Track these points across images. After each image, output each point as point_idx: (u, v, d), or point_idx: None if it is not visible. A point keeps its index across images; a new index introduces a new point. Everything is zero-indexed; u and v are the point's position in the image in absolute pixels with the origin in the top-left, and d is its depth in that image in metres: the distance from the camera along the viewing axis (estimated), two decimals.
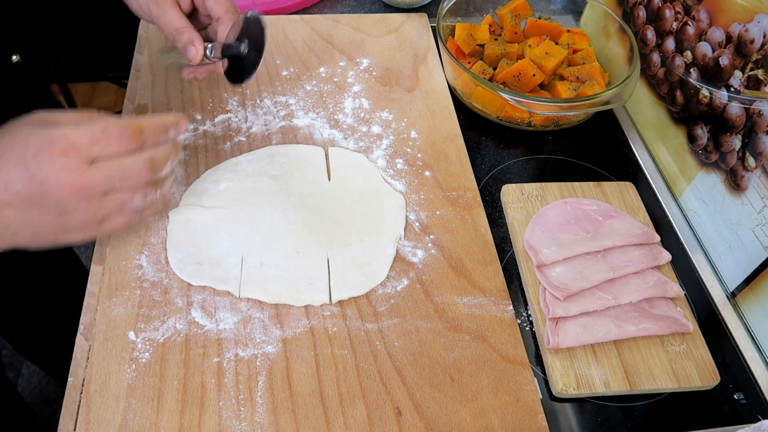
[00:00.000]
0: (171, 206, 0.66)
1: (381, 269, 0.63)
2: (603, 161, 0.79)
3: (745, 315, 0.64)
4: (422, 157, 0.75)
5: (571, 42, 0.85)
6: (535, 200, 0.71)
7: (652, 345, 0.60)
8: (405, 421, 0.54)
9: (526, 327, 0.62)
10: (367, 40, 0.89)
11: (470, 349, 0.59)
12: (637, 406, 0.58)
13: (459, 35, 0.84)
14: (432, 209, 0.69)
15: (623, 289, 0.62)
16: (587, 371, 0.57)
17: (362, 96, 0.81)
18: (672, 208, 0.74)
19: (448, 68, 0.84)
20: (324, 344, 0.58)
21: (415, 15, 0.95)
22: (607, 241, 0.65)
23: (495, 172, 0.77)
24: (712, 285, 0.67)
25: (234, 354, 0.57)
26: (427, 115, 0.80)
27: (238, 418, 0.53)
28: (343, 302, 0.61)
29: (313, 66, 0.84)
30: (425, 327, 0.60)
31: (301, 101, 0.80)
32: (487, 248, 0.66)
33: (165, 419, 0.53)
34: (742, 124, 0.64)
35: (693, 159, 0.72)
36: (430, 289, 0.63)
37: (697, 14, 0.69)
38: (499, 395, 0.56)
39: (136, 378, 0.55)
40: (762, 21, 0.60)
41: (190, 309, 0.59)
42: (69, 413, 0.53)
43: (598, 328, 0.59)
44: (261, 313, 0.60)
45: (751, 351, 0.62)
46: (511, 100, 0.74)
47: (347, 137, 0.76)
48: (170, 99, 0.78)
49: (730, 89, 0.65)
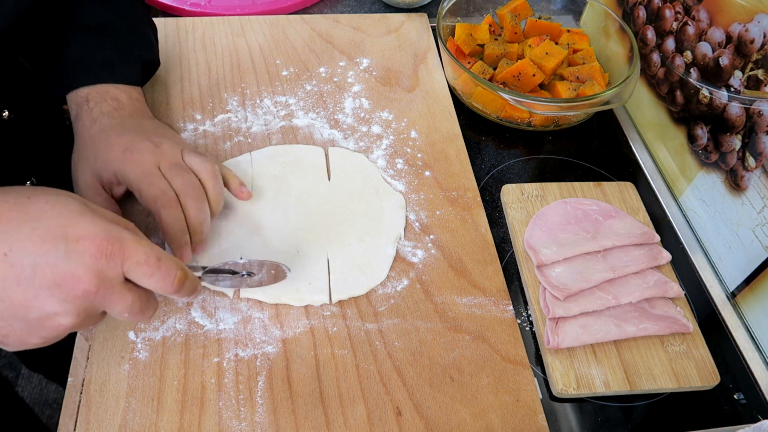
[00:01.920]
0: None
1: (381, 269, 0.63)
2: (603, 161, 0.79)
3: (745, 315, 0.64)
4: (422, 157, 0.75)
5: (571, 42, 0.85)
6: (535, 200, 0.71)
7: (652, 345, 0.60)
8: (405, 421, 0.54)
9: (526, 327, 0.62)
10: (367, 40, 0.89)
11: (470, 349, 0.59)
12: (637, 406, 0.58)
13: (459, 35, 0.84)
14: (432, 209, 0.69)
15: (623, 289, 0.62)
16: (587, 371, 0.57)
17: (362, 96, 0.81)
18: (672, 208, 0.74)
19: (448, 68, 0.84)
20: (324, 344, 0.58)
21: (415, 15, 0.95)
22: (607, 241, 0.65)
23: (495, 172, 0.77)
24: (712, 285, 0.67)
25: (234, 354, 0.57)
26: (427, 115, 0.80)
27: (238, 418, 0.53)
28: (343, 302, 0.61)
29: (313, 66, 0.84)
30: (425, 327, 0.60)
31: (301, 101, 0.80)
32: (487, 248, 0.66)
33: (165, 419, 0.53)
34: (742, 124, 0.64)
35: (693, 159, 0.72)
36: (430, 289, 0.63)
37: (697, 14, 0.69)
38: (499, 395, 0.56)
39: (136, 378, 0.55)
40: (762, 21, 0.60)
41: (189, 309, 0.59)
42: (69, 413, 0.53)
43: (598, 328, 0.59)
44: (261, 313, 0.60)
45: (751, 351, 0.62)
46: (511, 100, 0.74)
47: (347, 137, 0.76)
48: (170, 99, 0.78)
49: (730, 89, 0.65)
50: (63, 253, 0.40)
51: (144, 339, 0.57)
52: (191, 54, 0.84)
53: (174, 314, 0.59)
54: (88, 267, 0.41)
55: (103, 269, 0.41)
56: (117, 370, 0.55)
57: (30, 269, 0.40)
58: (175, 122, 0.75)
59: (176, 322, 0.58)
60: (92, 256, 0.41)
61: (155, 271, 0.43)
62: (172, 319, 0.58)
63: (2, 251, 0.39)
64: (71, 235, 0.41)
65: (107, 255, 0.41)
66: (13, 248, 0.40)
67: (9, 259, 0.39)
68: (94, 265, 0.41)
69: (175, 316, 0.59)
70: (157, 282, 0.44)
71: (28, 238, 0.40)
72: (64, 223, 0.41)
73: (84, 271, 0.41)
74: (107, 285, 0.42)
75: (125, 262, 0.42)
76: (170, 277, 0.44)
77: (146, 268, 0.43)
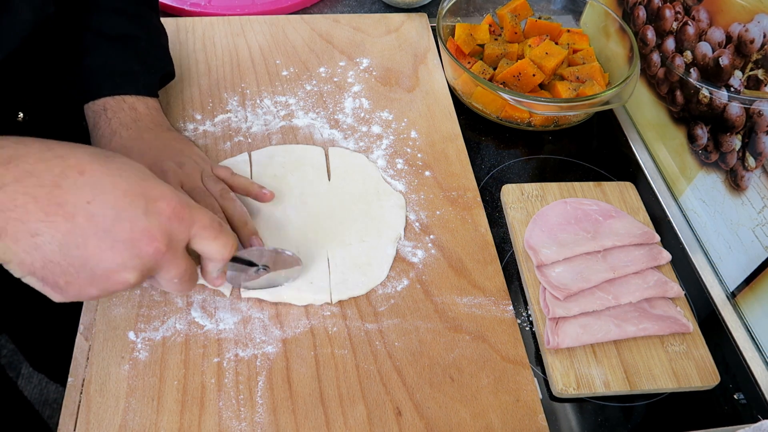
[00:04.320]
0: None
1: (381, 269, 0.63)
2: (603, 161, 0.79)
3: (745, 315, 0.64)
4: (422, 157, 0.75)
5: (571, 42, 0.85)
6: (535, 200, 0.71)
7: (652, 345, 0.60)
8: (405, 421, 0.54)
9: (526, 327, 0.62)
10: (367, 40, 0.89)
11: (470, 349, 0.59)
12: (637, 406, 0.58)
13: (459, 35, 0.84)
14: (432, 209, 0.69)
15: (623, 289, 0.62)
16: (587, 371, 0.57)
17: (362, 96, 0.81)
18: (672, 208, 0.74)
19: (448, 68, 0.84)
20: (324, 344, 0.58)
21: (415, 15, 0.95)
22: (607, 241, 0.65)
23: (495, 172, 0.77)
24: (712, 285, 0.67)
25: (234, 354, 0.57)
26: (427, 115, 0.80)
27: (238, 418, 0.53)
28: (343, 302, 0.61)
29: (313, 66, 0.84)
30: (425, 327, 0.60)
31: (301, 101, 0.80)
32: (487, 248, 0.66)
33: (165, 419, 0.53)
34: (742, 124, 0.64)
35: (693, 159, 0.72)
36: (430, 289, 0.63)
37: (697, 14, 0.69)
38: (499, 395, 0.56)
39: (136, 378, 0.55)
40: (762, 21, 0.60)
41: (190, 309, 0.59)
42: (69, 413, 0.53)
43: (598, 328, 0.59)
44: (261, 313, 0.60)
45: (751, 351, 0.62)
46: (511, 100, 0.74)
47: (347, 137, 0.76)
48: (170, 99, 0.78)
49: (730, 89, 0.65)
50: (142, 211, 0.42)
51: (144, 339, 0.57)
52: (191, 54, 0.84)
53: (174, 314, 0.59)
54: (162, 227, 0.43)
55: (174, 231, 0.44)
56: (117, 370, 0.55)
57: (110, 221, 0.41)
58: (175, 122, 0.75)
59: (176, 322, 0.58)
60: (167, 217, 0.43)
61: (219, 235, 0.47)
62: (172, 319, 0.58)
63: (86, 199, 0.40)
64: (150, 194, 0.43)
65: (179, 218, 0.44)
66: (96, 199, 0.40)
67: (91, 208, 0.40)
68: (167, 226, 0.43)
69: (175, 316, 0.59)
70: (218, 246, 0.47)
71: (111, 191, 0.41)
72: (143, 183, 0.43)
73: (158, 231, 0.42)
74: (174, 247, 0.44)
75: (193, 226, 0.45)
76: (229, 244, 0.48)
77: (211, 231, 0.46)
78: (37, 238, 0.39)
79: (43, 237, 0.39)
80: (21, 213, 0.38)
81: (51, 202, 0.39)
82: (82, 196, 0.40)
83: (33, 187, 0.39)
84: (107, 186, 0.41)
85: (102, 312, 0.58)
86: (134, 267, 0.42)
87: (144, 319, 0.58)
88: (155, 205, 0.43)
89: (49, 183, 0.39)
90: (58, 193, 0.39)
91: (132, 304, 0.59)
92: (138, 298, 0.59)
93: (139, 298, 0.59)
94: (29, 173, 0.39)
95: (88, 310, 0.59)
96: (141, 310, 0.59)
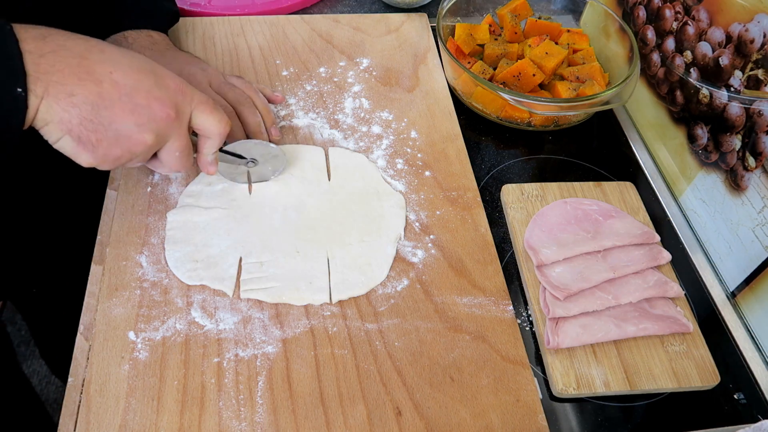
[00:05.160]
0: (169, 207, 0.66)
1: (381, 269, 0.63)
2: (603, 161, 0.79)
3: (745, 315, 0.64)
4: (422, 157, 0.75)
5: (571, 42, 0.85)
6: (535, 200, 0.71)
7: (652, 345, 0.60)
8: (405, 421, 0.54)
9: (526, 327, 0.62)
10: (367, 40, 0.89)
11: (470, 349, 0.59)
12: (637, 406, 0.58)
13: (459, 35, 0.84)
14: (432, 209, 0.69)
15: (623, 289, 0.62)
16: (587, 371, 0.57)
17: (362, 96, 0.81)
18: (672, 208, 0.74)
19: (448, 68, 0.84)
20: (324, 344, 0.58)
21: (415, 15, 0.95)
22: (607, 241, 0.65)
23: (495, 172, 0.77)
24: (712, 285, 0.67)
25: (234, 354, 0.57)
26: (427, 115, 0.80)
27: (238, 418, 0.53)
28: (343, 302, 0.61)
29: (313, 66, 0.84)
30: (425, 327, 0.60)
31: (301, 101, 0.80)
32: (487, 248, 0.66)
33: (165, 419, 0.53)
34: (742, 124, 0.64)
35: (693, 159, 0.72)
36: (430, 289, 0.63)
37: (697, 14, 0.69)
38: (499, 395, 0.56)
39: (136, 378, 0.55)
40: (762, 21, 0.60)
41: (190, 309, 0.59)
42: (69, 413, 0.53)
43: (598, 328, 0.59)
44: (261, 313, 0.60)
45: (751, 351, 0.62)
46: (511, 100, 0.74)
47: (347, 137, 0.76)
48: None
49: (730, 89, 0.65)
50: (154, 83, 0.51)
51: (144, 339, 0.57)
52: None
53: (174, 314, 0.59)
54: (171, 98, 0.52)
55: (180, 103, 0.53)
56: (117, 370, 0.55)
57: (129, 88, 0.49)
58: None
59: (176, 322, 0.58)
60: (174, 91, 0.53)
61: (214, 110, 0.56)
62: (172, 319, 0.58)
63: (108, 70, 0.49)
64: (158, 72, 0.52)
65: (183, 92, 0.53)
66: (117, 70, 0.49)
67: (114, 77, 0.49)
68: (174, 98, 0.52)
69: (175, 316, 0.59)
70: (214, 120, 0.56)
71: (128, 66, 0.50)
72: (152, 65, 0.53)
73: (168, 100, 0.52)
74: (180, 117, 0.53)
75: (193, 101, 0.54)
76: (224, 120, 0.57)
77: (207, 106, 0.55)
78: (73, 98, 0.47)
79: (78, 97, 0.47)
80: (59, 77, 0.46)
81: (82, 70, 0.47)
82: (106, 67, 0.48)
83: (67, 57, 0.47)
84: (124, 62, 0.50)
85: (102, 312, 0.58)
86: (151, 129, 0.51)
87: (144, 319, 0.58)
88: (163, 81, 0.52)
89: (78, 55, 0.47)
90: (86, 64, 0.48)
91: (132, 304, 0.59)
92: (138, 298, 0.59)
93: (139, 298, 0.59)
94: (62, 46, 0.47)
95: (88, 310, 0.59)
96: (141, 310, 0.59)
